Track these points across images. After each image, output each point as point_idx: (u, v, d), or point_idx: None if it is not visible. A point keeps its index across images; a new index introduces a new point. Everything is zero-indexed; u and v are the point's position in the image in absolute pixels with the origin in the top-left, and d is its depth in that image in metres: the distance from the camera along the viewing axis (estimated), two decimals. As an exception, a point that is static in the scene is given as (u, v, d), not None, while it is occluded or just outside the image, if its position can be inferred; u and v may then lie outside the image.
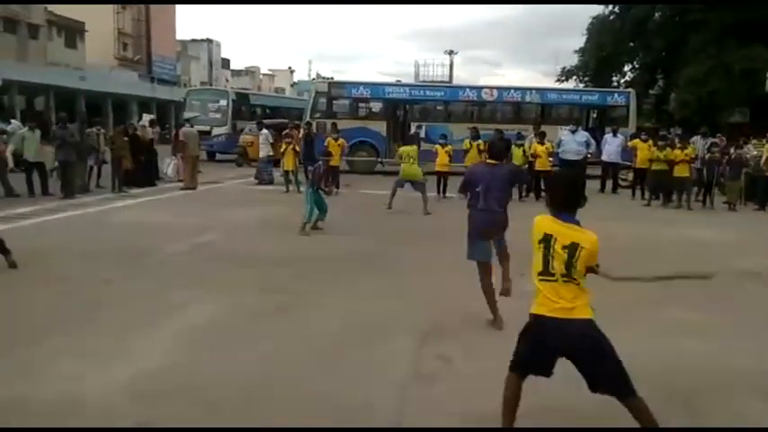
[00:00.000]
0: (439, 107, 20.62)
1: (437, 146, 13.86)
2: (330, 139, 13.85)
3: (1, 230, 7.89)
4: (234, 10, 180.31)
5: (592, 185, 14.20)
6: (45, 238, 8.16)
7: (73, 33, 42.41)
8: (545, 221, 2.93)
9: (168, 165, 15.23)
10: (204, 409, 3.41)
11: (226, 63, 71.99)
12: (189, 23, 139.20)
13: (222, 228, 9.07)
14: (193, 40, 63.39)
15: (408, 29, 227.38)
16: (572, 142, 14.35)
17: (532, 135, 14.61)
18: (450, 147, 13.87)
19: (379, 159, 19.47)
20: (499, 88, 20.34)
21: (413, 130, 19.06)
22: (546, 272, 2.88)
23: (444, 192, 13.29)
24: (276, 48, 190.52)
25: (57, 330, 4.57)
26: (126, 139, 13.61)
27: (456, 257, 7.47)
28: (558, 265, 2.83)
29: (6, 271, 6.06)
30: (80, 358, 4.04)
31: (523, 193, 13.54)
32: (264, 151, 15.56)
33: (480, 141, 13.28)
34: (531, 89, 20.33)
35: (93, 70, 40.36)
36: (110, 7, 46.98)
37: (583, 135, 14.86)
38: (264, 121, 18.94)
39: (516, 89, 20.19)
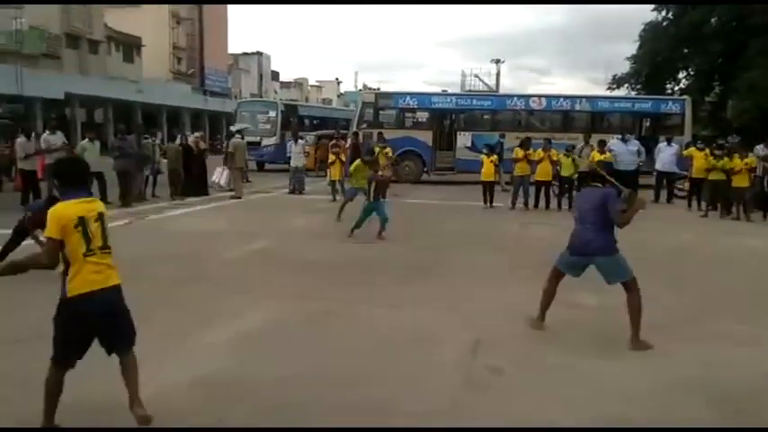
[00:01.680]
0: (486, 116, 20.51)
1: (482, 155, 13.77)
2: (376, 148, 13.93)
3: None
4: (284, 23, 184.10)
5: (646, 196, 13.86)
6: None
7: (130, 48, 44.18)
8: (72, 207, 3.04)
9: (220, 174, 15.64)
10: (260, 411, 3.49)
11: (275, 75, 73.46)
12: (240, 37, 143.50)
13: (273, 235, 9.25)
14: (244, 54, 64.98)
15: (453, 37, 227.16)
16: (625, 152, 13.94)
17: (582, 144, 14.32)
18: (495, 156, 13.77)
19: (425, 169, 19.49)
20: (548, 96, 20.08)
21: (461, 139, 19.05)
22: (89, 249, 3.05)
23: (491, 202, 13.19)
24: (323, 60, 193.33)
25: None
26: (180, 149, 14.11)
27: (507, 266, 7.45)
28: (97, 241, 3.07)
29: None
30: (141, 359, 4.17)
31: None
32: (300, 161, 15.86)
33: (553, 151, 13.11)
34: (581, 97, 20.00)
35: (149, 83, 41.89)
36: (165, 22, 48.74)
37: (634, 144, 14.47)
38: (315, 132, 19.27)
39: (566, 97, 19.88)
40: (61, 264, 3.07)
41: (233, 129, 18.77)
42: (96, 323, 3.10)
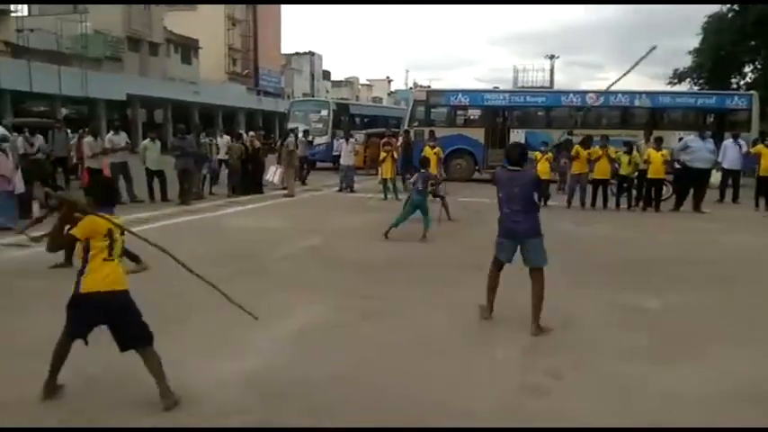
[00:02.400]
0: (540, 113, 20.11)
1: (537, 153, 13.50)
2: (427, 147, 13.85)
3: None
4: (335, 22, 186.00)
5: (711, 195, 13.28)
6: (163, 241, 8.75)
7: (188, 50, 45.54)
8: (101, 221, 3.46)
9: (273, 173, 15.91)
10: (311, 408, 3.50)
11: (326, 75, 74.28)
12: (293, 37, 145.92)
13: (326, 233, 9.33)
14: (297, 54, 66.03)
15: (504, 34, 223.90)
16: (703, 149, 13.17)
17: (642, 141, 13.83)
18: (550, 154, 13.47)
19: (477, 167, 19.28)
20: (605, 92, 19.49)
21: (514, 136, 18.75)
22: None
23: (545, 200, 12.90)
24: (374, 58, 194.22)
25: (171, 327, 4.86)
26: (243, 148, 14.48)
27: (561, 267, 7.25)
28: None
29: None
30: (194, 354, 4.27)
31: (632, 203, 12.88)
32: (351, 160, 15.93)
33: (611, 148, 12.75)
34: (640, 93, 19.37)
35: (206, 84, 43.08)
36: (221, 25, 50.00)
37: (710, 142, 13.77)
38: (365, 130, 19.39)
39: (624, 93, 19.25)
40: (79, 262, 3.48)
41: (289, 127, 19.13)
42: (102, 319, 3.43)
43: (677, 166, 14.06)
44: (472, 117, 20.27)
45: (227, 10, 50.50)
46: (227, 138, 15.83)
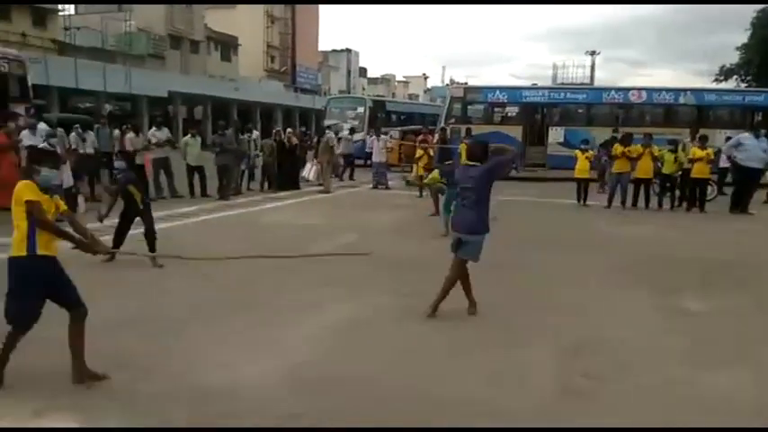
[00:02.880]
0: (580, 110, 19.72)
1: (577, 151, 13.24)
2: (463, 144, 13.68)
3: (167, 227, 8.76)
4: (372, 20, 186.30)
5: (759, 196, 12.81)
6: (204, 235, 8.92)
7: (228, 48, 46.25)
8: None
9: (309, 169, 16.02)
10: (351, 404, 3.51)
11: (363, 72, 74.44)
12: (331, 35, 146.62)
13: (360, 230, 9.34)
14: (334, 51, 66.32)
15: (541, 29, 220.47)
16: (756, 148, 12.59)
17: (688, 139, 13.42)
18: (591, 152, 13.20)
19: (514, 165, 19.03)
20: (648, 89, 19.03)
21: (553, 134, 18.45)
22: None
23: (585, 199, 12.68)
24: (411, 55, 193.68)
25: (211, 321, 4.95)
26: (274, 145, 14.60)
27: (603, 267, 7.12)
28: None
29: (169, 264, 6.67)
30: (234, 349, 4.33)
31: (675, 203, 12.52)
32: (383, 157, 15.93)
33: (654, 147, 12.42)
34: (685, 90, 18.80)
35: (245, 81, 43.67)
36: (260, 22, 50.60)
37: (765, 141, 13.24)
38: (399, 128, 19.36)
39: (668, 90, 18.73)
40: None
41: (326, 123, 19.24)
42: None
43: (722, 165, 13.59)
44: (510, 114, 20.02)
45: (267, 8, 51.08)
46: (256, 133, 16.02)
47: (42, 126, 10.98)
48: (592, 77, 43.77)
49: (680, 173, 12.33)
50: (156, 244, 6.85)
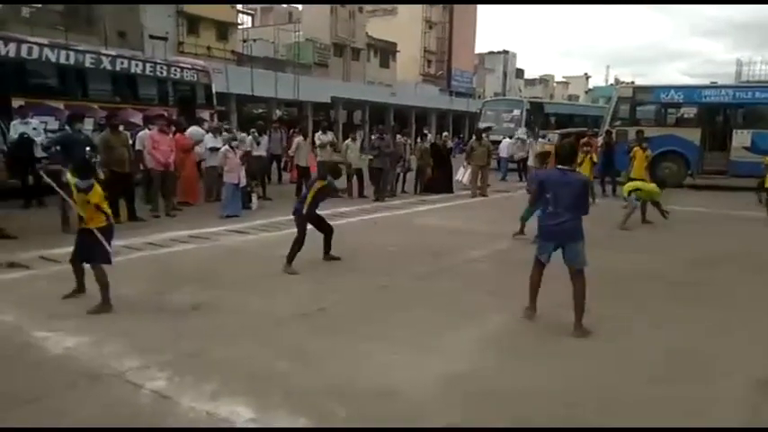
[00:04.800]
0: (771, 111, 17.40)
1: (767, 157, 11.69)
2: (638, 149, 12.64)
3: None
4: (530, 20, 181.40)
5: None
6: (363, 234, 9.19)
7: (386, 54, 47.75)
8: None
9: (463, 173, 15.89)
10: (509, 419, 3.34)
11: (520, 73, 72.74)
12: (487, 37, 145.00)
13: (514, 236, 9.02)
14: (490, 53, 65.61)
15: (719, 23, 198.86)
16: None
17: None
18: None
19: (689, 171, 17.32)
20: None
21: (738, 138, 16.49)
22: None
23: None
24: (570, 55, 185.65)
25: (369, 320, 5.03)
26: (428, 148, 14.75)
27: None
28: None
29: (331, 264, 6.97)
30: (392, 350, 4.34)
31: None
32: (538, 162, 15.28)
33: None
34: None
35: (401, 86, 44.77)
36: (418, 28, 51.59)
37: None
38: (558, 130, 18.54)
39: None
40: None
41: (480, 126, 19.00)
42: None
43: None
44: (686, 116, 18.23)
45: (425, 13, 51.91)
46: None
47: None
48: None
49: None
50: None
